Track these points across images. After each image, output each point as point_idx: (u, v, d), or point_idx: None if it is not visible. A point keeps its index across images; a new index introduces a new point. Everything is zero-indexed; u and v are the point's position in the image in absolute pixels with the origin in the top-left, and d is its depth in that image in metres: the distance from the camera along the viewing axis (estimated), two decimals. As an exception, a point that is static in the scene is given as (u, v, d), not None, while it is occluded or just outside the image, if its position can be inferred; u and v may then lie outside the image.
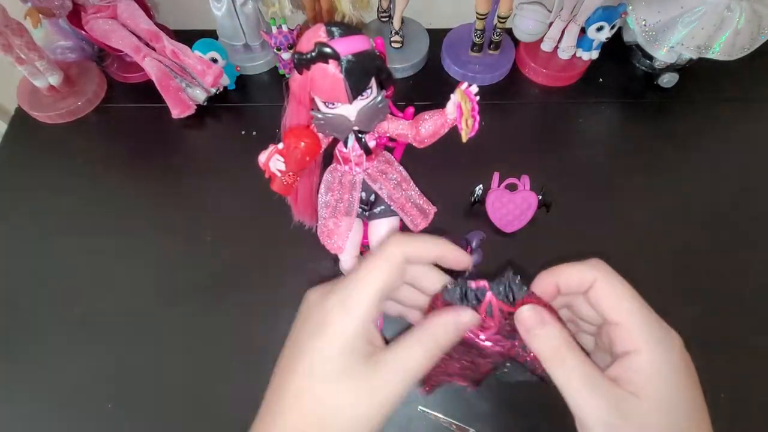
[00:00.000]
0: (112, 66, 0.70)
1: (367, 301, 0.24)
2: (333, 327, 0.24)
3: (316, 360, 0.23)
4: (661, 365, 0.22)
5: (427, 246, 0.26)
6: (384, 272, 0.25)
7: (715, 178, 0.62)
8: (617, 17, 0.62)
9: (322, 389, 0.23)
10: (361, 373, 0.23)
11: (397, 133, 0.43)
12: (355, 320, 0.23)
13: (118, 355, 0.52)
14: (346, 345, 0.23)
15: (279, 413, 0.24)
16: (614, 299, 0.24)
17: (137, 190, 0.63)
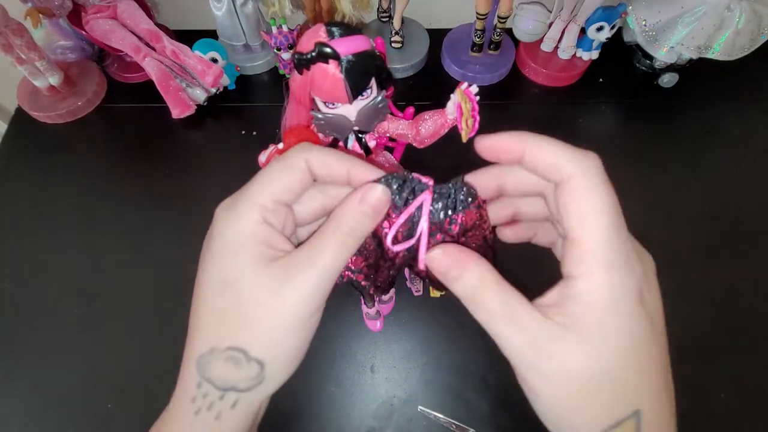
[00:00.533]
0: (112, 66, 0.70)
1: (255, 203, 0.22)
2: (221, 234, 0.23)
3: (209, 271, 0.22)
4: (605, 299, 0.19)
5: (336, 160, 0.23)
6: (279, 175, 0.23)
7: (716, 178, 0.62)
8: (617, 17, 0.62)
9: (221, 300, 0.22)
10: (261, 278, 0.21)
11: (397, 133, 0.43)
12: (242, 223, 0.22)
13: (118, 355, 0.52)
14: (235, 250, 0.22)
15: (194, 330, 0.23)
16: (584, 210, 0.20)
17: (137, 189, 0.63)
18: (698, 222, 0.59)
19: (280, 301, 0.21)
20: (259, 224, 0.22)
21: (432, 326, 0.52)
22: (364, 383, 0.50)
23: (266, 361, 0.22)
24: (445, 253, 0.22)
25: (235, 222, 0.22)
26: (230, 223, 0.22)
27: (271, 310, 0.21)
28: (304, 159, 0.23)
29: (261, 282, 0.21)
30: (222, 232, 0.23)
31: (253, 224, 0.22)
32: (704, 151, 0.65)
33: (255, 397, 0.22)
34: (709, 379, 0.49)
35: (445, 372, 0.50)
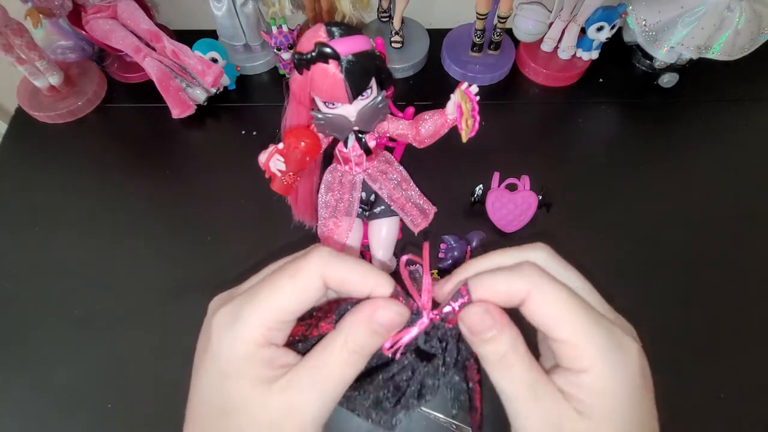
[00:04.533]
0: (112, 66, 0.70)
1: (259, 324, 0.20)
2: (219, 354, 0.21)
3: (206, 393, 0.21)
4: (613, 385, 0.20)
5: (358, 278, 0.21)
6: (289, 294, 0.21)
7: (716, 178, 0.62)
8: (617, 17, 0.62)
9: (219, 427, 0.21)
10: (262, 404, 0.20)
11: (397, 133, 0.43)
12: (243, 345, 0.20)
13: (118, 355, 0.52)
14: (234, 374, 0.20)
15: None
16: (555, 314, 0.20)
17: (137, 190, 0.63)
18: (698, 222, 0.59)
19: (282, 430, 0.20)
20: (260, 347, 0.21)
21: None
22: (364, 383, 0.50)
23: None
24: (487, 311, 0.21)
25: (234, 341, 0.21)
26: (229, 342, 0.21)
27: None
28: (320, 276, 0.21)
29: (260, 412, 0.20)
30: (220, 351, 0.21)
31: (254, 348, 0.20)
32: (704, 151, 0.65)
33: None
34: (709, 379, 0.49)
35: (445, 372, 0.50)
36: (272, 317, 0.21)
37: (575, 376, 0.20)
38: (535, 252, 0.23)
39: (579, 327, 0.20)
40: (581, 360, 0.20)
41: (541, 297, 0.21)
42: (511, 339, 0.21)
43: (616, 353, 0.20)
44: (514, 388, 0.20)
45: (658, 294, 0.54)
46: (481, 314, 0.21)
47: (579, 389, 0.20)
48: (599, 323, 0.20)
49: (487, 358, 0.21)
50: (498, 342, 0.21)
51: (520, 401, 0.20)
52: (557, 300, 0.21)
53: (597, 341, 0.20)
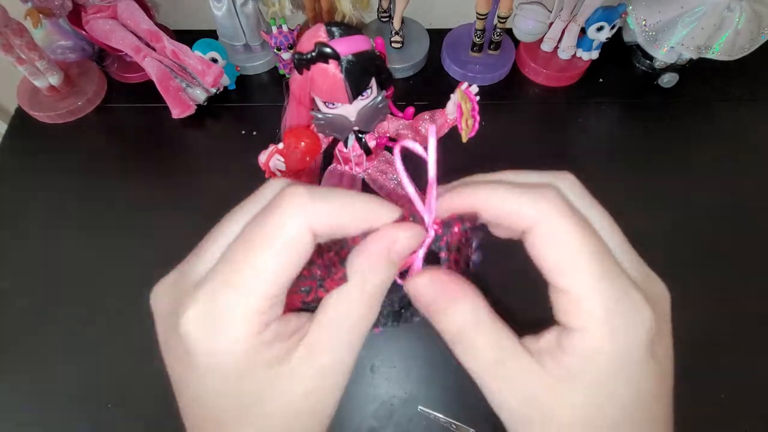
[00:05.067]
0: (112, 66, 0.70)
1: (246, 314, 0.16)
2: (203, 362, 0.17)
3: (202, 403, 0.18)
4: (608, 350, 0.16)
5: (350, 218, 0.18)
6: (274, 262, 0.16)
7: (716, 178, 0.62)
8: (617, 17, 0.62)
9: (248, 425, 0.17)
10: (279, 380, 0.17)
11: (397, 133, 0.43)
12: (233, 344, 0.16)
13: (118, 355, 0.52)
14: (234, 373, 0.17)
15: None
16: (559, 256, 0.17)
17: (137, 190, 0.63)
18: (698, 222, 0.59)
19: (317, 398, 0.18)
20: (260, 334, 0.17)
21: (432, 326, 0.52)
22: (364, 383, 0.50)
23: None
24: (432, 280, 0.18)
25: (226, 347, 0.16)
26: (220, 351, 0.16)
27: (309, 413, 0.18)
28: (308, 229, 0.17)
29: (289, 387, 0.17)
30: (214, 364, 0.17)
31: (253, 338, 0.16)
32: (704, 151, 0.65)
33: None
34: (709, 379, 0.49)
35: (445, 372, 0.50)
36: (261, 297, 0.16)
37: (567, 337, 0.17)
38: (557, 179, 0.19)
39: (587, 278, 0.16)
40: (578, 317, 0.17)
41: (546, 230, 0.17)
42: (468, 311, 0.18)
43: (621, 318, 0.16)
44: (477, 365, 0.18)
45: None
46: (426, 286, 0.18)
47: (566, 351, 0.17)
48: (613, 277, 0.17)
49: (444, 333, 0.19)
50: (452, 316, 0.18)
51: (486, 379, 0.18)
52: (566, 239, 0.17)
53: (602, 300, 0.16)
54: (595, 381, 0.17)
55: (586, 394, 0.17)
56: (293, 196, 0.17)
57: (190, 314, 0.17)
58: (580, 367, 0.17)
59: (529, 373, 0.17)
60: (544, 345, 0.18)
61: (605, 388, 0.17)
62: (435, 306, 0.18)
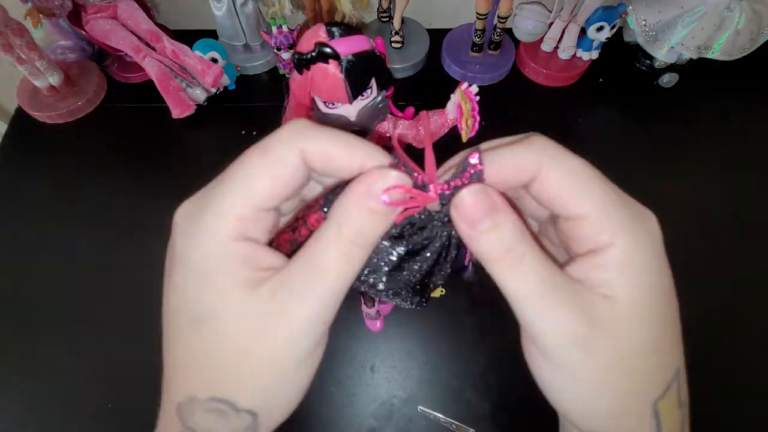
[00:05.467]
0: (112, 66, 0.70)
1: (228, 214, 0.17)
2: (186, 258, 0.18)
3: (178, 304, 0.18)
4: (639, 259, 0.17)
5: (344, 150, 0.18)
6: (261, 174, 0.17)
7: (716, 177, 0.62)
8: (617, 17, 0.62)
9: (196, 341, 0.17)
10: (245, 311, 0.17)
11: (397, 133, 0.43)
12: (213, 244, 0.17)
13: (118, 355, 0.52)
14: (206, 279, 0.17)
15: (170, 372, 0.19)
16: (573, 187, 0.18)
17: (137, 189, 0.63)
18: (698, 222, 0.59)
19: (270, 340, 0.17)
20: (235, 242, 0.17)
21: (432, 326, 0.52)
22: (364, 383, 0.50)
23: (259, 410, 0.18)
24: (485, 192, 0.17)
25: (202, 241, 0.17)
26: (196, 243, 0.17)
27: (260, 353, 0.17)
28: (298, 150, 0.17)
29: (244, 317, 0.17)
30: (186, 255, 0.18)
31: (227, 243, 0.17)
32: (704, 151, 0.65)
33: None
34: (709, 379, 0.49)
35: (445, 372, 0.50)
36: (244, 203, 0.17)
37: (597, 257, 0.17)
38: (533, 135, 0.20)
39: (600, 199, 0.18)
40: (603, 235, 0.17)
41: (556, 167, 0.18)
42: (517, 226, 0.17)
43: (638, 223, 0.18)
44: (527, 286, 0.17)
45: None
46: (478, 195, 0.17)
47: (602, 270, 0.17)
48: (619, 196, 0.18)
49: (489, 254, 0.17)
50: (502, 230, 0.17)
51: (535, 301, 0.17)
52: (573, 170, 0.18)
53: (620, 212, 0.18)
54: (637, 291, 0.17)
55: (634, 307, 0.17)
56: (293, 125, 0.18)
57: (180, 209, 0.19)
58: (619, 279, 0.17)
59: (581, 293, 0.17)
60: (576, 272, 0.18)
61: (647, 295, 0.17)
62: (486, 221, 0.17)
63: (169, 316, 0.19)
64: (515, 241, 0.17)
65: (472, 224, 0.17)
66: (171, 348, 0.19)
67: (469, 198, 0.17)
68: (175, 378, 0.19)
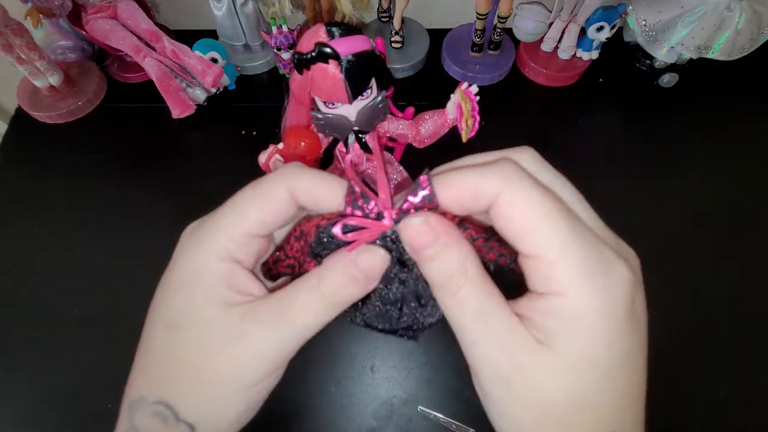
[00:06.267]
0: (112, 66, 0.70)
1: (220, 235, 0.19)
2: (178, 265, 0.20)
3: (160, 305, 0.20)
4: (588, 311, 0.16)
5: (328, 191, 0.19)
6: (252, 206, 0.19)
7: (716, 178, 0.62)
8: (617, 17, 0.62)
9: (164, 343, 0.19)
10: (213, 326, 0.18)
11: (397, 133, 0.43)
12: (202, 257, 0.19)
13: (118, 355, 0.52)
14: (189, 287, 0.19)
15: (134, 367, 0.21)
16: (527, 220, 0.17)
17: (137, 190, 0.63)
18: (698, 222, 0.59)
19: (224, 360, 0.18)
20: (221, 261, 0.19)
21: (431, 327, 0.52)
22: (364, 383, 0.50)
23: (198, 425, 0.19)
24: (426, 222, 0.18)
25: (195, 254, 0.19)
26: (190, 254, 0.20)
27: (212, 369, 0.18)
28: (287, 187, 0.19)
29: (209, 331, 0.18)
30: (179, 263, 0.20)
31: (214, 260, 0.19)
32: (704, 152, 0.65)
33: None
34: (709, 379, 0.49)
35: (445, 372, 0.50)
36: (235, 228, 0.19)
37: (543, 301, 0.17)
38: (515, 154, 0.19)
39: (555, 239, 0.16)
40: (553, 281, 0.16)
41: (510, 197, 0.17)
42: (458, 257, 0.18)
43: (598, 276, 0.16)
44: (461, 314, 0.18)
45: (657, 293, 0.54)
46: (419, 226, 0.18)
47: (545, 315, 0.17)
48: (583, 237, 0.17)
49: (431, 279, 0.18)
50: (441, 260, 0.18)
51: (467, 330, 0.18)
52: (531, 202, 0.17)
53: (576, 259, 0.16)
54: (575, 346, 0.16)
55: (566, 359, 0.16)
56: (284, 167, 0.20)
57: (188, 227, 0.21)
58: (560, 330, 0.16)
59: (512, 331, 0.17)
60: (523, 308, 0.18)
61: (587, 352, 0.16)
62: (426, 250, 0.18)
63: (149, 315, 0.21)
64: (454, 270, 0.17)
65: (415, 250, 0.18)
66: (141, 346, 0.21)
67: (410, 227, 0.18)
68: (135, 376, 0.21)
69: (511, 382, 0.17)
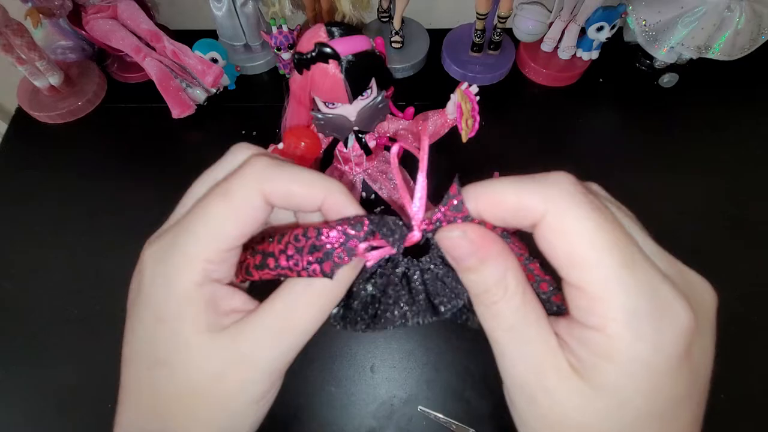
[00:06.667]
0: (112, 66, 0.70)
1: (195, 258, 0.17)
2: (151, 296, 0.18)
3: (138, 339, 0.18)
4: (629, 359, 0.15)
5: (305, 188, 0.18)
6: (224, 218, 0.17)
7: (716, 177, 0.62)
8: (617, 17, 0.62)
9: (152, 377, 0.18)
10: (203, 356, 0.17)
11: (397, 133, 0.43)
12: (178, 286, 0.17)
13: (118, 355, 0.52)
14: (169, 321, 0.17)
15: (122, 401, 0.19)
16: (573, 247, 0.15)
17: (137, 190, 0.63)
18: (698, 222, 0.59)
19: (226, 384, 0.17)
20: (200, 287, 0.17)
21: (432, 326, 0.52)
22: (364, 383, 0.50)
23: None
24: (465, 234, 0.17)
25: (168, 282, 0.17)
26: (162, 283, 0.18)
27: (215, 396, 0.17)
28: (259, 191, 0.18)
29: (201, 362, 0.17)
30: (152, 295, 0.18)
31: (191, 288, 0.17)
32: (704, 152, 0.65)
33: None
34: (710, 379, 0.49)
35: (445, 372, 0.50)
36: (210, 247, 0.17)
37: (582, 330, 0.15)
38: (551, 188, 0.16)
39: (604, 272, 0.14)
40: (595, 316, 0.15)
41: (556, 219, 0.15)
42: (497, 271, 0.17)
43: (647, 320, 0.14)
44: (494, 326, 0.17)
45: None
46: (457, 239, 0.17)
47: (581, 344, 0.15)
48: (638, 271, 0.14)
49: (469, 289, 0.18)
50: (480, 273, 0.17)
51: (498, 342, 0.17)
52: (579, 227, 0.15)
53: (623, 298, 0.14)
54: (610, 385, 0.15)
55: (598, 395, 0.15)
56: (253, 165, 0.18)
57: (148, 247, 0.19)
58: (595, 365, 0.15)
59: (545, 352, 0.16)
60: (562, 330, 0.17)
61: (620, 394, 0.15)
62: (465, 262, 0.17)
63: (128, 352, 0.19)
64: (491, 284, 0.17)
65: (455, 261, 0.18)
66: (127, 383, 0.19)
67: (448, 240, 0.17)
68: (127, 411, 0.19)
69: (537, 399, 0.16)
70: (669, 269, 0.16)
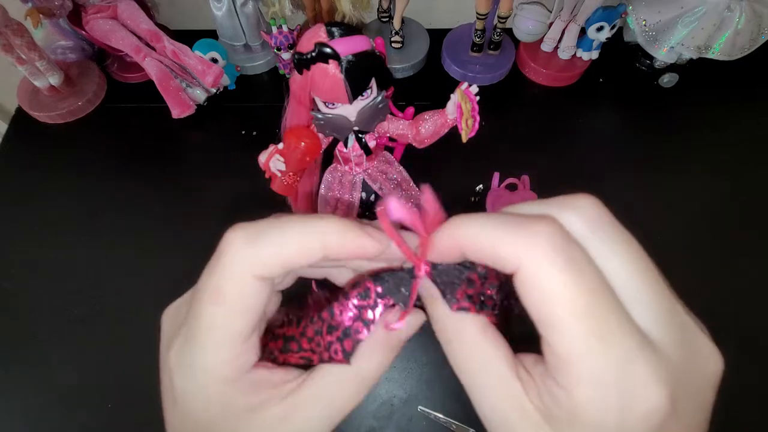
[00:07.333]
0: (112, 66, 0.70)
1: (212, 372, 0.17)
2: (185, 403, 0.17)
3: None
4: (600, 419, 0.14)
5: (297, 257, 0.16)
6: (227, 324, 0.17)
7: (716, 177, 0.62)
8: (617, 17, 0.62)
9: None
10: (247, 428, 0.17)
11: (397, 133, 0.43)
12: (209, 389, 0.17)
13: (118, 355, 0.52)
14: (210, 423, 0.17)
15: None
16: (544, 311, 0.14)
17: (137, 190, 0.63)
18: (698, 222, 0.59)
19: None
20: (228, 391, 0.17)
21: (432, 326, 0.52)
22: (364, 383, 0.50)
23: None
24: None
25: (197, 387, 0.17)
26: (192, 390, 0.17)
27: None
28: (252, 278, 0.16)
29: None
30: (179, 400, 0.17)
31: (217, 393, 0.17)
32: (704, 152, 0.65)
33: None
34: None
35: (445, 372, 0.50)
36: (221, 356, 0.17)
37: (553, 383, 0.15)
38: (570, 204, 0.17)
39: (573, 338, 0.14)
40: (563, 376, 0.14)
41: (529, 278, 0.14)
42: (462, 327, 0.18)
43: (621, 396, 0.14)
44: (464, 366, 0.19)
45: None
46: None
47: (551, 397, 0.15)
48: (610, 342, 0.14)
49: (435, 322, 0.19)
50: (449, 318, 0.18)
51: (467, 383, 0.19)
52: (551, 290, 0.14)
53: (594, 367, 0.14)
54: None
55: None
56: (231, 246, 0.16)
57: (171, 353, 0.17)
58: (559, 416, 0.15)
59: (508, 397, 0.16)
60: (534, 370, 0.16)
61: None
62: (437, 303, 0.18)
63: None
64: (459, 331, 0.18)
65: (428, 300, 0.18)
66: None
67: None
68: None
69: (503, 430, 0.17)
70: (668, 336, 0.15)
